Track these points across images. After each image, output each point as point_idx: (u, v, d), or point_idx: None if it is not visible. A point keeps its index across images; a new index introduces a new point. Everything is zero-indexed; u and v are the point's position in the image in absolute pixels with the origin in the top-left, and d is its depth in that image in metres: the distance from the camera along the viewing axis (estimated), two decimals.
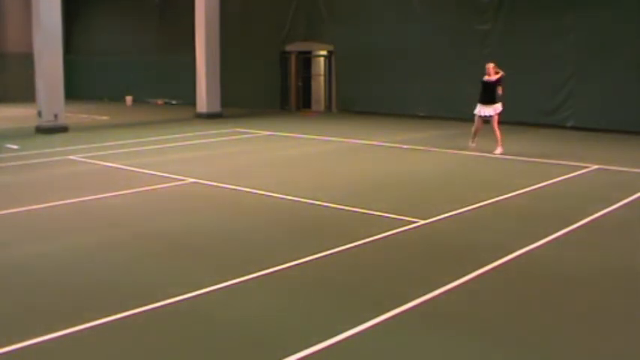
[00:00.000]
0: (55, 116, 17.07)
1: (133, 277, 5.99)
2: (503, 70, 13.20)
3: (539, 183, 10.11)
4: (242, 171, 11.58)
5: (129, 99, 27.54)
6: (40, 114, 17.12)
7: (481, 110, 13.29)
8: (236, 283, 5.70)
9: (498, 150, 13.01)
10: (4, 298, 5.50)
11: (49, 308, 5.24)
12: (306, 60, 23.75)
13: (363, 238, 7.04)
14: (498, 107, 13.18)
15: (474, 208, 8.49)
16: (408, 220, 7.80)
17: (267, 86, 24.09)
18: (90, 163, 12.30)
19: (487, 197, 9.03)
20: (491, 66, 13.20)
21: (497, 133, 13.07)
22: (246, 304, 5.33)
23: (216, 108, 21.15)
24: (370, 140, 15.27)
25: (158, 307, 5.15)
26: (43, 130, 16.90)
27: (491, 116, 13.15)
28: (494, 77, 13.12)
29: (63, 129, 17.17)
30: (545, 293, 5.59)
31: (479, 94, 13.32)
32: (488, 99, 13.17)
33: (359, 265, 6.34)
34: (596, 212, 8.21)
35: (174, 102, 27.00)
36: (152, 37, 27.68)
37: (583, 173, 11.06)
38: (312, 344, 4.47)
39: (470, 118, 18.91)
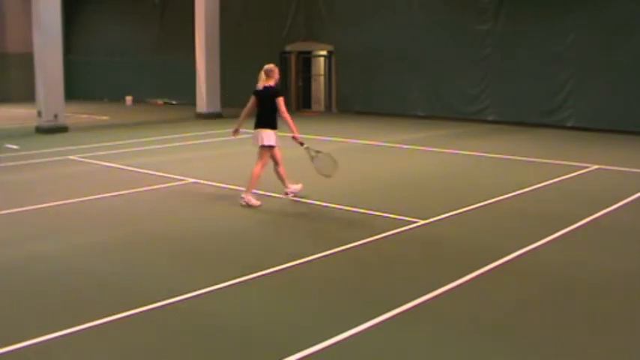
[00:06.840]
0: (55, 116, 17.08)
1: (133, 277, 5.99)
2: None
3: (539, 183, 10.11)
4: (242, 171, 11.54)
5: (129, 99, 27.54)
6: (40, 114, 17.13)
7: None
8: (236, 283, 5.70)
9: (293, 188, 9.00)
10: (3, 298, 5.49)
11: (48, 308, 5.24)
12: (306, 60, 23.75)
13: (363, 238, 7.03)
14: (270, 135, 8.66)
15: (474, 208, 8.49)
16: (408, 220, 7.80)
17: None
18: (90, 163, 12.30)
19: (487, 197, 9.04)
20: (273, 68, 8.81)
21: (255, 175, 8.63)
22: (246, 304, 5.32)
23: (216, 108, 21.16)
24: (370, 140, 15.27)
25: (158, 307, 5.14)
26: (43, 130, 16.91)
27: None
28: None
29: (63, 129, 17.18)
30: (545, 293, 5.60)
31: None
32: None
33: (359, 265, 6.33)
34: (597, 212, 8.21)
35: (174, 102, 26.99)
36: (152, 37, 27.67)
37: (583, 173, 11.06)
38: (311, 344, 4.46)
39: (468, 117, 19.08)
